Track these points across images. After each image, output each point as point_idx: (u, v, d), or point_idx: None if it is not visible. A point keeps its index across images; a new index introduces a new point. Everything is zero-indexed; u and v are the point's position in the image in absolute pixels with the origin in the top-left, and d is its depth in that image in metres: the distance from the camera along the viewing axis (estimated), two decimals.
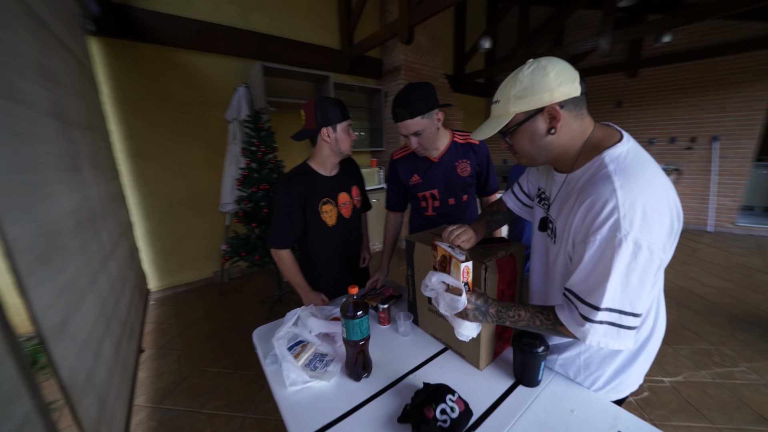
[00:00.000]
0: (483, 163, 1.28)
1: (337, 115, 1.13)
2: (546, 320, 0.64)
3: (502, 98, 0.63)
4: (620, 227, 0.51)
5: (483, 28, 5.50)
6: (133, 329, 1.82)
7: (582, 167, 0.63)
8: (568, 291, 0.61)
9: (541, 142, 0.64)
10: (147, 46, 2.58)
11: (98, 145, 1.83)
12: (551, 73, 0.58)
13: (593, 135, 0.63)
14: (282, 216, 1.17)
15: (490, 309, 0.70)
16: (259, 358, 0.99)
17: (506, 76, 0.64)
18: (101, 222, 1.58)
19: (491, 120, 0.67)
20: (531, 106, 0.59)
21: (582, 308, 0.57)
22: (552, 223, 0.71)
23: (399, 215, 1.44)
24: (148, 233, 2.81)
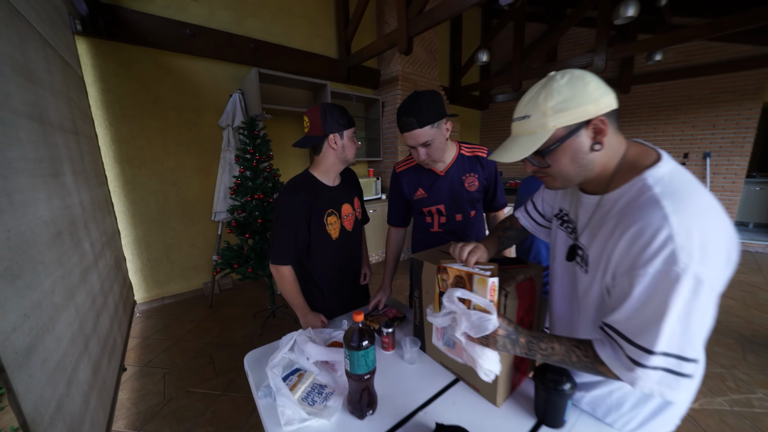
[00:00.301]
0: (491, 177, 1.23)
1: (344, 122, 1.08)
2: (584, 356, 0.57)
3: (534, 112, 0.55)
4: (677, 260, 0.45)
5: (477, 42, 5.60)
6: (116, 346, 1.69)
7: (619, 188, 0.56)
8: (610, 328, 0.54)
9: (584, 161, 0.57)
10: (137, 49, 2.50)
11: (83, 150, 1.73)
12: (591, 83, 0.52)
13: (628, 152, 0.58)
14: (285, 229, 1.08)
15: (520, 338, 0.63)
16: (251, 388, 0.90)
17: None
18: (83, 231, 1.48)
19: (520, 138, 0.58)
20: (574, 119, 0.53)
21: (630, 350, 0.50)
22: (582, 251, 0.64)
23: (401, 231, 1.37)
24: (135, 242, 2.68)
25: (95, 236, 1.67)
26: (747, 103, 3.99)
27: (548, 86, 0.54)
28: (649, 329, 0.48)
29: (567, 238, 0.73)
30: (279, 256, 1.09)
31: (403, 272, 3.63)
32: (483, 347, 0.65)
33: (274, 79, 3.03)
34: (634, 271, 0.49)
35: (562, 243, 0.75)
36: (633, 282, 0.49)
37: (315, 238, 1.14)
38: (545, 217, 0.88)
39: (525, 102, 0.58)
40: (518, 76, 4.37)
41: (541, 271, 0.84)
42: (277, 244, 1.09)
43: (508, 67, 5.83)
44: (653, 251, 0.47)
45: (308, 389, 0.84)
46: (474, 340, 0.65)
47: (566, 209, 0.76)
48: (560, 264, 0.76)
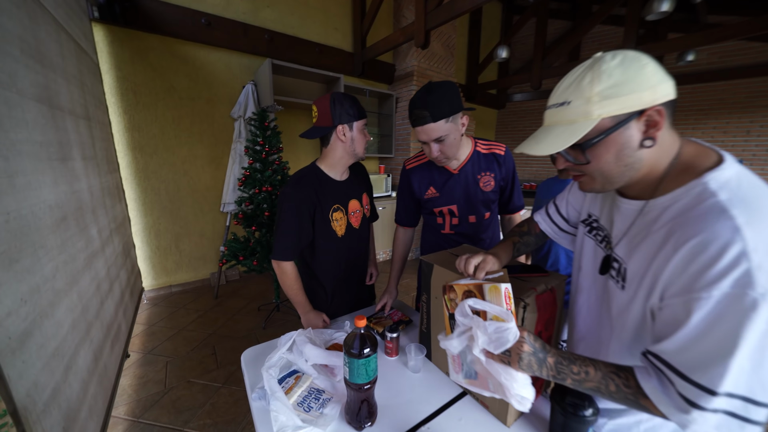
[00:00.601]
0: (508, 177, 1.15)
1: (355, 113, 1.02)
2: (624, 386, 0.48)
3: (576, 98, 0.46)
4: (753, 283, 0.37)
5: (497, 39, 5.43)
6: (120, 332, 1.69)
7: (670, 193, 0.48)
8: (656, 358, 0.46)
9: (630, 159, 0.48)
10: (153, 37, 2.51)
11: (95, 136, 1.73)
12: (649, 66, 0.44)
13: (682, 151, 0.49)
14: (288, 223, 1.04)
15: (548, 357, 0.53)
16: (246, 389, 0.86)
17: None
18: (90, 217, 1.47)
19: (557, 128, 0.49)
20: (626, 108, 0.44)
21: (684, 387, 0.42)
22: (618, 264, 0.56)
23: (410, 231, 1.30)
24: (145, 230, 2.71)
25: (103, 222, 1.67)
26: None
27: (596, 68, 0.45)
28: (712, 365, 0.40)
29: (596, 248, 0.65)
30: (280, 252, 1.05)
31: (409, 272, 3.57)
32: (508, 368, 0.55)
33: (288, 71, 3.00)
34: (692, 294, 0.41)
35: (590, 252, 0.67)
36: (691, 306, 0.41)
37: (319, 235, 1.09)
38: (570, 222, 0.79)
39: (565, 86, 0.49)
40: (539, 74, 4.21)
41: (564, 282, 0.77)
42: (278, 238, 1.05)
43: (527, 65, 5.65)
44: (720, 271, 0.39)
45: (305, 393, 0.79)
46: (495, 358, 0.56)
47: (596, 214, 0.67)
48: (587, 276, 0.68)
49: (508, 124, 6.18)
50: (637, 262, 0.52)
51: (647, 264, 0.49)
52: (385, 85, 4.11)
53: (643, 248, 0.50)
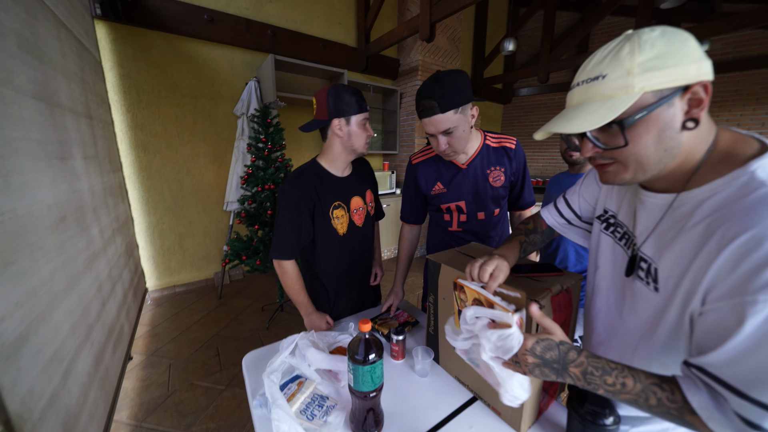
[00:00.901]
0: (519, 172, 1.09)
1: (353, 106, 0.97)
2: (669, 401, 0.43)
3: (613, 70, 0.41)
4: None
5: (503, 33, 5.33)
6: (122, 334, 1.68)
7: (708, 184, 0.43)
8: (702, 372, 0.41)
9: (671, 142, 0.43)
10: (156, 34, 2.48)
11: (96, 135, 1.71)
12: (691, 40, 0.40)
13: (719, 139, 0.44)
14: (287, 221, 1.01)
15: (570, 368, 0.48)
16: (247, 394, 0.82)
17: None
18: (92, 217, 1.45)
19: (590, 104, 0.43)
20: (671, 81, 0.39)
21: (741, 407, 0.37)
22: (648, 264, 0.51)
23: (416, 228, 1.26)
24: (148, 230, 2.70)
25: (105, 222, 1.65)
26: None
27: (635, 39, 0.41)
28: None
29: (615, 246, 0.60)
30: (278, 250, 1.02)
31: (414, 270, 3.53)
32: (511, 371, 0.53)
33: (291, 67, 2.97)
34: (745, 297, 0.36)
35: (608, 251, 0.62)
36: (744, 311, 0.36)
37: (320, 233, 1.06)
38: (582, 218, 0.74)
39: (597, 59, 0.43)
40: (546, 67, 4.12)
41: (579, 281, 0.72)
42: (277, 237, 1.02)
43: (534, 59, 5.54)
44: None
45: (308, 400, 0.76)
46: (511, 367, 0.53)
47: (612, 210, 0.62)
48: (606, 276, 0.63)
49: (514, 119, 6.08)
50: (670, 262, 0.47)
51: (685, 264, 0.44)
52: (389, 80, 4.05)
53: (677, 246, 0.46)
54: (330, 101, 0.96)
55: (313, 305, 1.07)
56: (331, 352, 0.90)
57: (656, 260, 0.50)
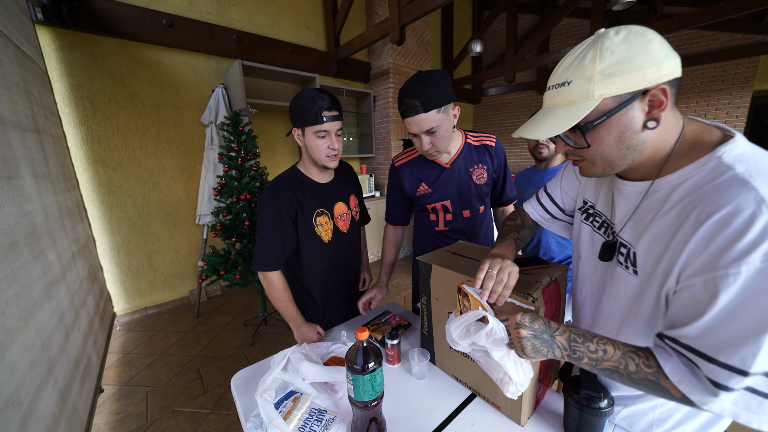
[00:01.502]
0: (500, 169, 1.12)
1: (305, 116, 0.92)
2: (646, 366, 0.45)
3: (576, 77, 0.44)
4: None
5: (469, 34, 5.51)
6: (90, 365, 1.54)
7: (680, 170, 0.46)
8: (675, 342, 0.44)
9: (633, 141, 0.46)
10: (109, 40, 2.32)
11: (47, 151, 1.56)
12: (655, 41, 0.41)
13: (686, 130, 0.47)
14: (269, 231, 0.97)
15: (556, 337, 0.50)
16: (240, 417, 0.78)
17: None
18: (47, 241, 1.32)
19: (556, 110, 0.47)
20: (629, 87, 0.42)
21: (711, 370, 0.40)
22: (627, 248, 0.54)
23: (400, 230, 1.26)
24: (112, 250, 2.50)
25: (63, 245, 1.51)
26: (737, 92, 4.01)
27: (598, 45, 0.43)
28: (743, 345, 0.38)
29: (594, 234, 0.64)
30: (261, 262, 0.98)
31: (399, 271, 3.53)
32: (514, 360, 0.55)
33: (260, 72, 2.88)
34: (717, 272, 0.38)
35: (588, 240, 0.65)
36: (717, 285, 0.38)
37: (304, 242, 1.03)
38: (565, 211, 0.77)
39: (565, 65, 0.46)
40: (512, 67, 4.30)
41: (566, 272, 0.75)
42: (259, 248, 0.97)
43: (500, 59, 5.77)
44: (749, 244, 0.36)
45: (305, 416, 0.72)
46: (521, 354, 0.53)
47: (591, 201, 0.66)
48: (588, 264, 0.66)
49: (484, 118, 6.29)
50: (647, 245, 0.50)
51: (662, 246, 0.47)
52: (361, 83, 4.05)
53: (654, 230, 0.48)
54: (291, 108, 0.94)
55: (302, 316, 1.04)
56: (325, 363, 0.87)
57: (635, 245, 0.52)
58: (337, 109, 0.95)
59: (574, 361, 0.49)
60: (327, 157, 0.97)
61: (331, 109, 0.92)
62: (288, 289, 1.03)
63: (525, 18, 5.28)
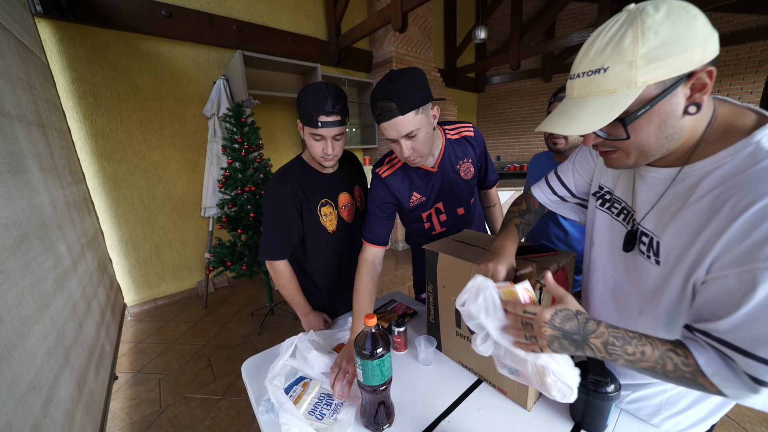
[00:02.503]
0: (482, 156, 1.08)
1: (304, 116, 0.89)
2: (684, 366, 0.42)
3: (615, 62, 0.39)
4: None
5: (473, 21, 5.37)
6: (104, 354, 1.58)
7: (712, 157, 0.43)
8: (708, 336, 0.42)
9: (672, 129, 0.42)
10: (109, 33, 2.30)
11: (52, 145, 1.57)
12: (699, 17, 0.37)
13: (717, 112, 0.44)
14: (276, 221, 0.98)
15: (590, 339, 0.46)
16: (251, 402, 0.80)
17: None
18: (57, 233, 1.34)
19: (591, 101, 0.42)
20: (675, 70, 0.37)
21: (749, 366, 0.38)
22: (650, 238, 0.52)
23: (380, 252, 1.02)
24: (120, 242, 2.54)
25: (73, 238, 1.53)
26: (750, 76, 3.90)
27: (638, 24, 0.37)
28: None
29: (613, 222, 0.61)
30: (268, 251, 0.99)
31: (404, 262, 3.55)
32: (540, 355, 0.50)
33: (261, 63, 2.85)
34: (756, 264, 0.36)
35: (605, 227, 0.63)
36: (756, 278, 0.36)
37: (309, 231, 1.03)
38: (576, 194, 0.74)
39: (598, 48, 0.40)
40: (517, 54, 4.20)
41: (573, 258, 0.75)
42: (266, 237, 0.99)
43: (504, 47, 5.64)
44: None
45: (315, 400, 0.74)
46: (523, 346, 0.51)
47: (608, 186, 0.63)
48: (602, 252, 0.65)
49: (488, 107, 6.20)
50: (674, 235, 0.47)
51: (690, 236, 0.45)
52: (363, 73, 3.99)
53: (682, 219, 0.46)
54: (297, 100, 0.92)
55: (309, 305, 1.05)
56: (333, 349, 0.89)
57: (658, 234, 0.50)
58: (339, 112, 0.88)
59: (607, 360, 0.47)
60: (321, 158, 0.95)
61: (331, 113, 0.87)
62: (295, 278, 1.04)
63: (530, 3, 5.14)
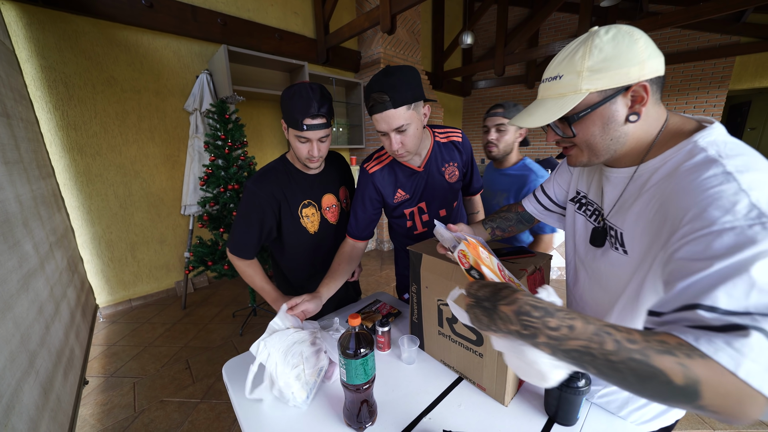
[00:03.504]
0: (468, 162, 1.11)
1: (288, 117, 0.88)
2: (630, 342, 0.35)
3: (567, 72, 0.48)
4: (762, 213, 0.35)
5: (460, 26, 5.48)
6: (73, 357, 1.51)
7: (660, 155, 0.50)
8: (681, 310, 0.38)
9: (616, 133, 0.50)
10: (83, 20, 2.19)
11: (18, 136, 1.48)
12: (640, 41, 0.45)
13: (669, 123, 0.51)
14: (248, 220, 0.97)
15: (500, 305, 0.42)
16: (233, 404, 0.79)
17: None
18: (22, 231, 1.27)
19: (547, 101, 0.51)
20: (614, 83, 0.46)
21: (709, 317, 0.35)
22: (616, 231, 0.57)
23: (361, 246, 1.08)
24: (93, 241, 2.42)
25: (40, 236, 1.45)
26: (714, 91, 4.18)
27: (589, 42, 0.46)
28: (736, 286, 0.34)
29: (587, 223, 0.66)
30: (238, 248, 1.00)
31: (388, 262, 3.57)
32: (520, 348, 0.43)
33: (246, 59, 2.79)
34: (700, 231, 0.39)
35: (582, 228, 0.68)
36: (710, 242, 0.38)
37: (288, 232, 1.03)
38: (557, 202, 0.80)
39: (559, 60, 0.50)
40: (502, 61, 4.32)
41: (550, 260, 0.78)
42: (238, 233, 0.99)
43: (490, 52, 5.78)
44: (724, 207, 0.37)
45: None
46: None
47: (584, 191, 0.68)
48: (581, 252, 0.69)
49: (473, 111, 6.32)
50: (632, 224, 0.53)
51: (645, 222, 0.50)
52: (351, 73, 3.98)
53: (637, 208, 0.52)
54: (280, 100, 0.91)
55: (277, 290, 1.04)
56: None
57: (620, 226, 0.56)
58: (325, 115, 0.88)
59: (527, 339, 0.40)
60: (306, 159, 0.95)
61: (316, 116, 0.87)
62: (259, 266, 1.05)
63: (515, 11, 5.29)
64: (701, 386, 0.32)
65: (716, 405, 0.33)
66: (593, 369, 0.37)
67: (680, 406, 0.34)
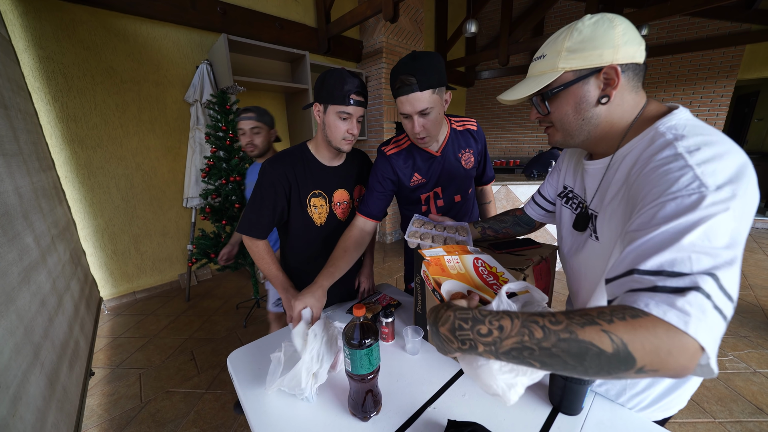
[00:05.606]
0: (482, 151, 1.13)
1: (333, 94, 0.89)
2: (553, 324, 0.35)
3: (549, 52, 0.52)
4: (704, 184, 0.38)
5: (464, 14, 5.35)
6: (78, 349, 1.52)
7: (629, 143, 0.52)
8: (627, 274, 0.38)
9: (587, 113, 0.52)
10: (80, 8, 2.14)
11: (17, 127, 1.47)
12: (618, 27, 0.47)
13: (645, 110, 0.52)
14: (263, 199, 0.97)
15: (439, 327, 0.41)
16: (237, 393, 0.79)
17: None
18: (23, 223, 1.26)
19: (529, 79, 0.55)
20: (587, 63, 0.49)
21: (648, 279, 0.36)
22: (594, 217, 0.60)
23: (371, 225, 1.07)
24: (96, 233, 2.42)
25: (41, 228, 1.45)
26: (722, 80, 4.09)
27: (573, 25, 0.50)
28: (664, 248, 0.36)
29: (572, 215, 0.69)
30: (250, 228, 0.98)
31: (392, 255, 3.57)
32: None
33: (246, 48, 2.74)
34: (655, 200, 0.41)
35: (567, 220, 0.70)
36: (656, 210, 0.40)
37: (294, 218, 1.03)
38: (550, 201, 0.82)
39: (548, 42, 0.53)
40: (506, 50, 4.23)
41: (555, 251, 0.77)
42: (251, 213, 0.98)
43: (494, 42, 5.66)
44: (671, 180, 0.40)
45: None
46: None
47: (570, 185, 0.71)
48: (567, 244, 0.70)
49: (477, 102, 6.24)
50: (604, 209, 0.56)
51: (613, 210, 0.53)
52: (353, 63, 3.92)
53: (609, 195, 0.55)
54: (317, 83, 0.92)
55: (288, 279, 1.02)
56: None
57: (598, 213, 0.59)
58: (364, 95, 0.93)
59: (469, 352, 0.39)
60: (343, 139, 0.95)
61: (360, 94, 0.91)
62: (271, 250, 1.03)
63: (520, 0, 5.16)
64: (629, 347, 0.32)
65: (654, 363, 0.32)
66: (538, 363, 0.36)
67: (626, 375, 0.33)
